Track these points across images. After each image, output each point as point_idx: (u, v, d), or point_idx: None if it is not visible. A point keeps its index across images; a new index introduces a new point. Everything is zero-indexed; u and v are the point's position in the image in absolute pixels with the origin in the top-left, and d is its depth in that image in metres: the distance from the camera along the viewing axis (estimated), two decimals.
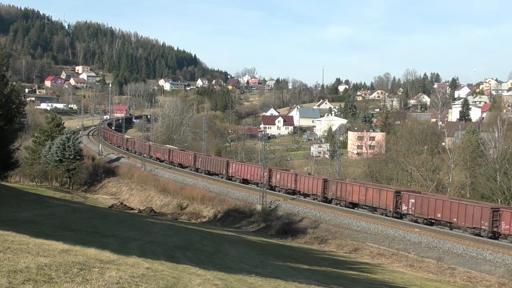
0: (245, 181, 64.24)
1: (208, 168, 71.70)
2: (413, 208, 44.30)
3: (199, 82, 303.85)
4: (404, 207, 45.09)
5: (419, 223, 43.90)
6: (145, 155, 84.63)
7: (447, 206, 41.76)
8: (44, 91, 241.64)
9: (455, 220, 41.25)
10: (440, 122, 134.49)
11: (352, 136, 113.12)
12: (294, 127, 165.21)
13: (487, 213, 38.93)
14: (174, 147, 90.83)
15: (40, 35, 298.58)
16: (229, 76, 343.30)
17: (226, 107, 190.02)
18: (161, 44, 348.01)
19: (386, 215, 46.34)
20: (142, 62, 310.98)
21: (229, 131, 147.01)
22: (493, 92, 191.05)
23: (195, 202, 58.51)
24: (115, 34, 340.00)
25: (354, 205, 50.41)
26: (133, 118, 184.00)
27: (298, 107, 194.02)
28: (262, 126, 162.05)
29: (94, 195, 70.89)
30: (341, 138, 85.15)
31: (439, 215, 42.36)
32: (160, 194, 64.43)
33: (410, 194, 45.66)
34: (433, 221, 43.46)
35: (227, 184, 64.68)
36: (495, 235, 39.02)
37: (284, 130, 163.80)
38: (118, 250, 16.96)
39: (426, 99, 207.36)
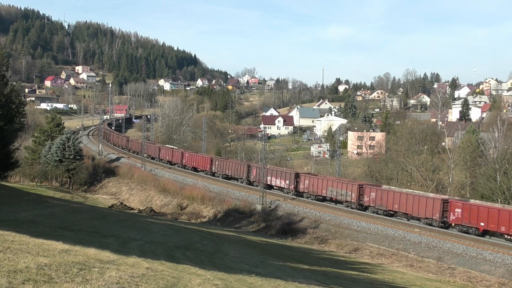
0: (226, 177, 67.48)
1: (194, 165, 75.18)
2: (374, 200, 47.92)
3: (199, 82, 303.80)
4: (366, 199, 48.70)
5: (379, 214, 47.09)
6: (145, 155, 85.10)
7: (404, 198, 45.17)
8: (44, 91, 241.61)
9: (410, 211, 44.72)
10: (440, 122, 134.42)
11: (352, 136, 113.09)
12: (294, 127, 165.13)
13: (438, 205, 42.06)
14: (166, 145, 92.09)
15: (40, 35, 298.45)
16: (229, 76, 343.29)
17: (226, 107, 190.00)
18: (161, 44, 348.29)
19: (351, 207, 49.51)
20: (142, 62, 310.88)
21: (229, 131, 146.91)
22: (493, 92, 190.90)
23: (195, 202, 58.54)
24: (115, 34, 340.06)
25: (323, 198, 53.58)
26: (133, 118, 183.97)
27: (298, 107, 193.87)
28: (262, 126, 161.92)
29: (94, 195, 70.86)
30: (341, 138, 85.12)
31: (396, 207, 45.87)
32: (160, 194, 64.45)
33: (371, 187, 49.38)
34: (391, 212, 46.95)
35: (227, 184, 64.80)
36: (445, 225, 42.19)
37: (284, 130, 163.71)
38: (118, 250, 16.95)
39: (426, 99, 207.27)
